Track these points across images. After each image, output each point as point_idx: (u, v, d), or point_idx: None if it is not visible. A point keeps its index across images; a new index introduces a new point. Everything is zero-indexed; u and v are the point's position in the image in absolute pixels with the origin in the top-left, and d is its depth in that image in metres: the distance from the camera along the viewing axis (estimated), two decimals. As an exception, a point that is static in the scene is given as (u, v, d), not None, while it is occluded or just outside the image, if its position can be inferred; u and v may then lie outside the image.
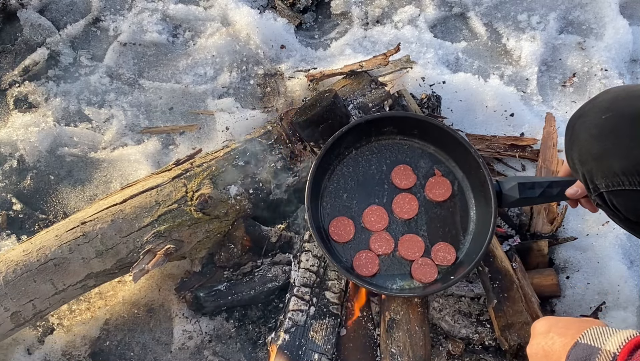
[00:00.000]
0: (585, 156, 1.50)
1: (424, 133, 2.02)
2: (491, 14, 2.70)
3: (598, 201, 1.52)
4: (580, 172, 1.52)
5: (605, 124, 1.46)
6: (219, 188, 1.95)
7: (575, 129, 1.53)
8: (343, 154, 2.02)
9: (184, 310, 2.01)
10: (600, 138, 1.46)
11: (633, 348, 1.21)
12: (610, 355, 1.22)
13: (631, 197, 1.44)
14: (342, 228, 1.94)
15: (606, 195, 1.47)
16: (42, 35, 2.63)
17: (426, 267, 1.89)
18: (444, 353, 1.93)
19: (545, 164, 2.20)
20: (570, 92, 2.51)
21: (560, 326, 1.34)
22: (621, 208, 1.48)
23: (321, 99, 2.00)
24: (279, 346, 1.80)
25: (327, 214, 1.96)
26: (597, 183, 1.48)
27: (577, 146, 1.52)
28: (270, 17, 2.65)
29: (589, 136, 1.49)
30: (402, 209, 1.96)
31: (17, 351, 1.96)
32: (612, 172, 1.43)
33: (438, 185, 1.98)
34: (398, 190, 1.99)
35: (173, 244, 1.89)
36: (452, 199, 1.98)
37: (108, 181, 2.31)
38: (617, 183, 1.44)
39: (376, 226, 1.94)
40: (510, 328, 1.85)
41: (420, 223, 1.96)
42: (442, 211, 1.97)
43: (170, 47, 2.62)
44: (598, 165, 1.47)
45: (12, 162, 2.34)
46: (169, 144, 2.39)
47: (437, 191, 1.97)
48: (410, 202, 1.97)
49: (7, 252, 1.90)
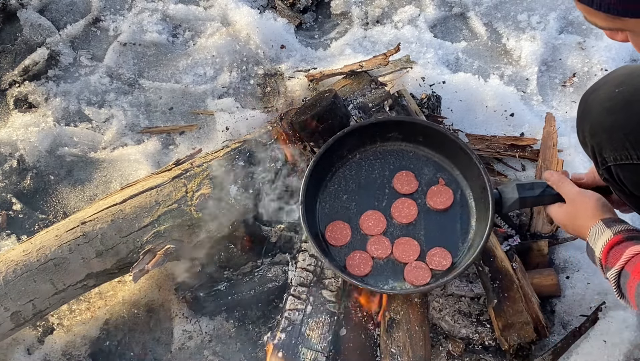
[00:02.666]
0: (596, 128, 1.51)
1: (429, 140, 2.00)
2: (491, 14, 2.70)
3: (605, 175, 1.55)
4: (590, 145, 1.54)
5: (618, 97, 1.48)
6: (219, 188, 1.95)
7: (589, 102, 1.55)
8: (346, 157, 2.02)
9: (184, 310, 2.01)
10: (613, 111, 1.48)
11: (607, 252, 1.46)
12: (598, 260, 1.50)
13: (638, 171, 1.45)
14: (338, 232, 1.93)
15: (614, 169, 1.50)
16: (42, 35, 2.63)
17: (419, 270, 1.88)
18: (444, 353, 1.92)
19: (545, 164, 2.20)
20: (570, 92, 2.51)
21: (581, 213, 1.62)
22: (627, 183, 1.50)
23: (321, 99, 2.00)
24: (275, 345, 1.80)
25: (325, 215, 1.96)
26: (605, 156, 1.50)
27: (589, 118, 1.54)
28: (270, 17, 2.65)
29: (602, 108, 1.50)
30: (400, 214, 1.96)
31: (17, 351, 1.96)
32: (621, 145, 1.46)
33: (440, 193, 1.97)
34: (398, 195, 1.98)
35: (173, 244, 1.89)
36: (453, 207, 1.96)
37: (108, 181, 2.31)
38: (625, 157, 1.46)
39: (374, 230, 1.94)
40: (510, 328, 1.85)
41: (418, 227, 1.95)
42: (442, 218, 1.96)
43: (170, 47, 2.62)
44: (608, 137, 1.49)
45: (12, 162, 2.34)
46: (169, 144, 2.39)
47: (438, 199, 1.96)
48: (410, 207, 1.96)
49: (7, 252, 1.91)
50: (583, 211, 1.62)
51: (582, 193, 1.66)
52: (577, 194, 1.66)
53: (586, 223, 1.57)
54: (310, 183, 1.90)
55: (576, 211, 1.64)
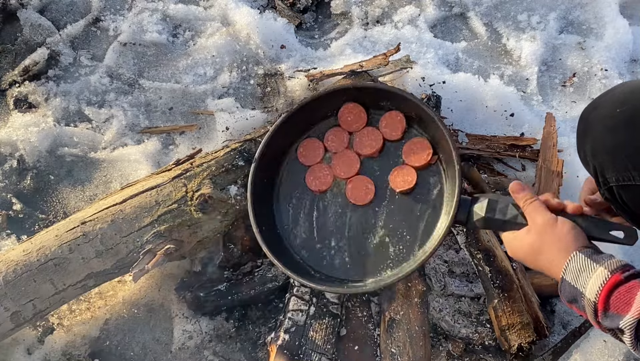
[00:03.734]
0: (597, 148, 1.47)
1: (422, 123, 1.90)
2: (491, 14, 2.70)
3: (607, 195, 1.51)
4: (591, 165, 1.51)
5: (620, 117, 1.44)
6: (219, 188, 1.95)
7: (589, 121, 1.51)
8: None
9: (184, 310, 2.01)
10: (614, 131, 1.44)
11: (607, 295, 1.26)
12: (592, 305, 1.29)
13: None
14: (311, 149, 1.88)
15: (615, 189, 1.47)
16: (42, 35, 2.63)
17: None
18: (444, 353, 1.93)
19: (545, 164, 2.20)
20: (570, 92, 2.51)
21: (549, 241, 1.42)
22: (630, 203, 1.47)
23: (321, 99, 2.00)
24: (279, 346, 1.80)
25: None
26: (607, 177, 1.47)
27: (590, 137, 1.50)
28: (270, 17, 2.65)
29: (603, 128, 1.46)
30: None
31: (17, 351, 1.96)
32: (623, 166, 1.42)
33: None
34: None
35: (173, 244, 1.89)
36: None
37: (108, 181, 2.31)
38: (627, 178, 1.43)
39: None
40: (510, 328, 1.85)
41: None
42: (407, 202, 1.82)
43: (170, 47, 2.62)
44: (610, 158, 1.44)
45: (12, 162, 2.34)
46: (169, 144, 2.39)
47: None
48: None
49: (7, 252, 1.91)
50: (553, 243, 1.44)
51: (552, 219, 1.47)
52: (547, 220, 1.47)
53: (557, 256, 1.40)
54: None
55: (543, 242, 1.46)
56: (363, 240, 1.80)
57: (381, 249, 1.77)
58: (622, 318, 1.25)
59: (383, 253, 1.77)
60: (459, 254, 2.05)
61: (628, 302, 1.24)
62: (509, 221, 1.55)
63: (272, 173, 1.92)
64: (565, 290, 1.37)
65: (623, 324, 1.24)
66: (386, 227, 1.80)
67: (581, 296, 1.33)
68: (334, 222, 1.83)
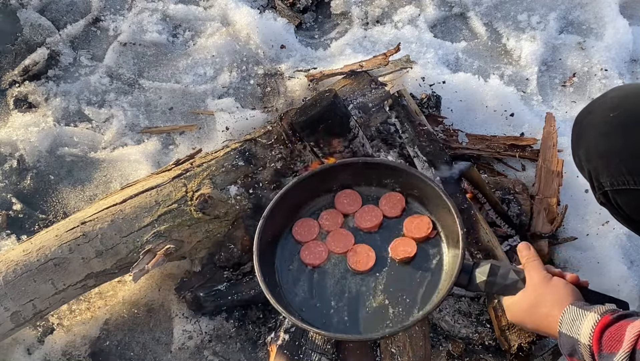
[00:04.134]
0: (591, 153, 1.48)
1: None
2: (491, 14, 2.70)
3: (602, 200, 1.52)
4: (586, 170, 1.51)
5: (613, 122, 1.45)
6: (219, 188, 1.95)
7: (583, 126, 1.52)
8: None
9: (184, 310, 2.01)
10: (608, 136, 1.45)
11: (599, 337, 1.28)
12: (588, 348, 1.30)
13: (635, 196, 1.44)
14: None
15: (610, 194, 1.47)
16: (42, 35, 2.63)
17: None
18: (444, 353, 1.92)
19: (545, 164, 2.20)
20: (570, 92, 2.51)
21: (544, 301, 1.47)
22: (625, 207, 1.47)
23: (321, 99, 2.00)
24: (279, 346, 1.80)
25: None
26: (602, 181, 1.47)
27: (584, 143, 1.51)
28: (270, 17, 2.65)
29: (597, 133, 1.48)
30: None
31: (17, 351, 1.96)
32: (618, 170, 1.43)
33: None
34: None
35: (173, 244, 1.89)
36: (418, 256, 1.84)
37: (108, 181, 2.31)
38: (622, 182, 1.43)
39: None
40: (510, 328, 1.85)
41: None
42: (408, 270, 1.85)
43: (170, 47, 2.62)
44: (604, 163, 1.46)
45: (12, 162, 2.34)
46: (169, 144, 2.39)
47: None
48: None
49: (7, 252, 1.91)
50: (548, 297, 1.48)
51: (548, 277, 1.53)
52: (543, 278, 1.52)
53: (552, 311, 1.44)
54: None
55: (539, 297, 1.50)
56: (363, 302, 1.79)
57: (380, 310, 1.77)
58: (615, 355, 1.25)
59: (382, 315, 1.76)
60: (459, 254, 2.05)
61: (619, 340, 1.25)
62: (510, 285, 1.60)
63: (277, 233, 1.90)
64: (564, 342, 1.38)
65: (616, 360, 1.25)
66: (386, 291, 1.79)
67: (577, 344, 1.34)
68: (333, 285, 1.83)
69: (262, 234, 1.81)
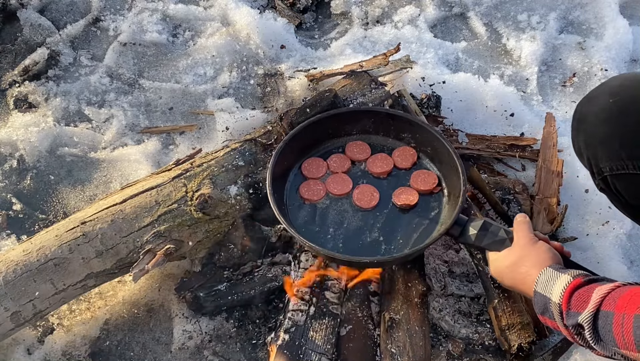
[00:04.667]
0: (591, 139, 1.51)
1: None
2: (491, 14, 2.70)
3: (602, 185, 1.54)
4: (585, 156, 1.53)
5: (613, 108, 1.47)
6: (218, 188, 1.95)
7: (583, 112, 1.54)
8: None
9: (184, 310, 2.01)
10: (608, 121, 1.48)
11: (569, 296, 1.37)
12: (557, 306, 1.40)
13: (634, 181, 1.46)
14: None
15: (610, 179, 1.49)
16: (42, 35, 2.63)
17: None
18: (444, 353, 1.92)
19: (545, 164, 2.20)
20: (570, 92, 2.51)
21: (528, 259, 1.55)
22: (624, 193, 1.49)
23: (321, 99, 2.00)
24: (279, 346, 1.80)
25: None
26: (601, 167, 1.49)
27: (583, 129, 1.53)
28: (270, 17, 2.65)
29: (597, 119, 1.50)
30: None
31: (17, 351, 1.96)
32: (617, 155, 1.45)
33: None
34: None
35: (173, 244, 1.89)
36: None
37: (108, 181, 2.31)
38: (621, 167, 1.45)
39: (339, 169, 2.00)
40: (510, 328, 1.85)
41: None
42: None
43: (170, 47, 2.62)
44: (604, 148, 1.48)
45: (12, 162, 2.34)
46: (169, 144, 2.39)
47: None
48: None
49: (7, 252, 1.91)
50: (530, 257, 1.56)
51: (534, 239, 1.61)
52: (530, 240, 1.61)
53: (531, 270, 1.52)
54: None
55: (522, 257, 1.58)
56: (359, 235, 1.91)
57: (374, 245, 1.89)
58: (580, 314, 1.33)
59: (375, 248, 1.88)
60: (459, 254, 2.05)
61: (586, 300, 1.34)
62: (497, 241, 1.70)
63: (291, 163, 2.01)
64: (538, 301, 1.46)
65: (581, 319, 1.33)
66: (382, 230, 1.91)
67: (549, 303, 1.42)
68: (335, 215, 1.94)
69: (279, 156, 1.92)
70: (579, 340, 1.38)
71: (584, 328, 1.34)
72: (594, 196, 2.16)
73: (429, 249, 2.03)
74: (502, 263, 1.64)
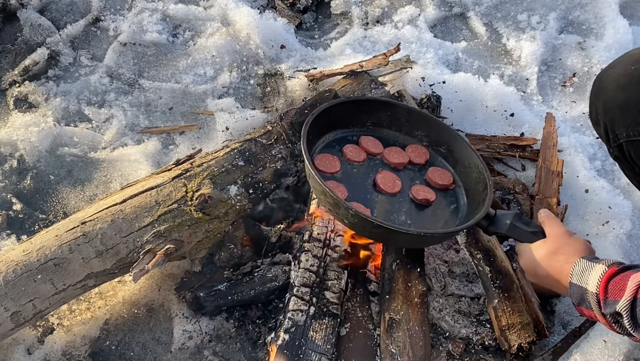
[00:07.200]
0: (610, 104, 1.52)
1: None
2: (491, 14, 2.70)
3: (616, 153, 1.55)
4: (602, 122, 1.54)
5: (634, 74, 1.49)
6: (218, 187, 1.95)
7: (603, 79, 1.56)
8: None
9: (184, 310, 2.01)
10: (627, 87, 1.49)
11: (605, 285, 1.37)
12: (594, 296, 1.39)
13: None
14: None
15: (625, 146, 1.50)
16: (42, 35, 2.63)
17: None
18: (444, 353, 1.92)
19: (545, 164, 2.20)
20: (570, 92, 2.51)
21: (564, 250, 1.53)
22: (638, 160, 1.49)
23: (321, 99, 2.00)
24: (279, 346, 1.80)
25: None
26: (617, 133, 1.50)
27: (602, 95, 1.54)
28: (270, 17, 2.65)
29: (616, 85, 1.51)
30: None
31: (17, 351, 1.96)
32: (635, 121, 1.47)
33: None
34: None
35: (173, 244, 1.89)
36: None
37: (108, 181, 2.31)
38: (638, 133, 1.46)
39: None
40: (510, 328, 1.85)
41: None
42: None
43: (170, 47, 2.62)
44: (621, 114, 1.49)
45: (12, 162, 2.34)
46: (169, 144, 2.39)
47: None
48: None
49: (7, 252, 1.90)
50: (569, 248, 1.55)
51: (570, 232, 1.61)
52: (565, 231, 1.61)
53: (570, 258, 1.50)
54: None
55: (560, 247, 1.57)
56: (387, 215, 1.88)
57: (402, 225, 1.87)
58: (618, 303, 1.33)
59: (405, 225, 1.87)
60: (459, 255, 2.05)
61: (622, 288, 1.33)
62: (530, 232, 1.66)
63: (316, 137, 1.96)
64: (574, 292, 1.45)
65: (619, 307, 1.33)
66: (409, 213, 1.90)
67: (586, 293, 1.41)
68: (365, 181, 1.93)
69: (309, 128, 1.86)
70: (617, 328, 1.38)
71: (622, 316, 1.34)
72: (594, 196, 2.17)
73: (429, 249, 2.03)
74: (538, 253, 1.60)
